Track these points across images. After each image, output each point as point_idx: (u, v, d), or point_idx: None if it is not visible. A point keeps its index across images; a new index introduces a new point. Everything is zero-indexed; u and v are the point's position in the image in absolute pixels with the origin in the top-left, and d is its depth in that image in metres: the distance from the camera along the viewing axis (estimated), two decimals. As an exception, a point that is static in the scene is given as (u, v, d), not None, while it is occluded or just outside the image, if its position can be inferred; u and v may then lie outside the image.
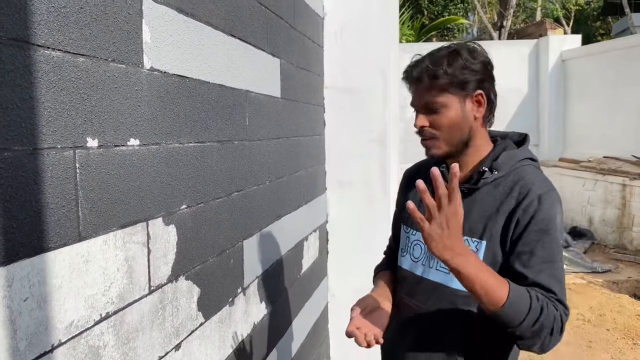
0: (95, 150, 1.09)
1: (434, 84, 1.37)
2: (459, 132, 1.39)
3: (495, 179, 1.38)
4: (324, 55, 3.20)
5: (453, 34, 16.99)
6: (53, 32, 0.97)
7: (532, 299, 1.23)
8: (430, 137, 1.40)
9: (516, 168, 1.39)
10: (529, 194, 1.32)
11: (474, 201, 1.38)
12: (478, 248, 1.34)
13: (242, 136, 1.88)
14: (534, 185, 1.33)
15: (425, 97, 1.38)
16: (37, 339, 0.94)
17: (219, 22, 1.66)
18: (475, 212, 1.37)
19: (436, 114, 1.38)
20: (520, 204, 1.32)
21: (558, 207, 1.33)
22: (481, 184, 1.38)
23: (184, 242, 1.46)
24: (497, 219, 1.34)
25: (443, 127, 1.38)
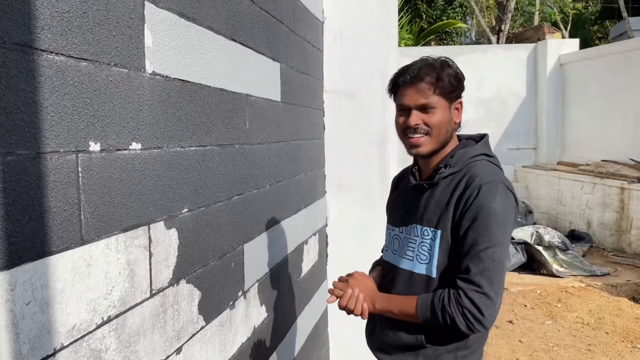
0: (97, 154, 1.10)
1: (434, 86, 1.52)
2: (445, 132, 1.57)
3: (450, 174, 1.55)
4: (324, 59, 3.21)
5: (451, 37, 17.04)
6: (56, 36, 0.97)
7: (434, 304, 1.47)
8: (424, 133, 1.54)
9: (469, 163, 1.55)
10: (472, 184, 1.49)
11: (432, 195, 1.57)
12: (434, 237, 1.53)
13: (243, 140, 1.88)
14: (477, 177, 1.49)
15: (423, 96, 1.53)
16: (39, 342, 0.94)
17: (220, 26, 1.67)
18: (432, 205, 1.55)
19: (429, 113, 1.53)
20: (463, 194, 1.49)
21: (497, 195, 1.46)
22: (436, 179, 1.56)
23: (185, 246, 1.47)
24: (448, 210, 1.51)
25: (435, 125, 1.54)
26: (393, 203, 1.79)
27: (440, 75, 1.52)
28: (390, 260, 1.69)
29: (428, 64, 1.55)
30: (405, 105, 1.55)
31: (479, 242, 1.44)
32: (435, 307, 1.46)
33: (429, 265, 1.54)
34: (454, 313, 1.43)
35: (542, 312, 5.31)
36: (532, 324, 5.03)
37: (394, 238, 1.70)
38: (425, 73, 1.52)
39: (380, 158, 3.26)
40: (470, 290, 1.42)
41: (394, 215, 1.74)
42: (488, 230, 1.44)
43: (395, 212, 1.73)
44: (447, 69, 1.54)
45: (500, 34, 15.94)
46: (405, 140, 1.58)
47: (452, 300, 1.44)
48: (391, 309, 1.56)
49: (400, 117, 1.58)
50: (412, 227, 1.60)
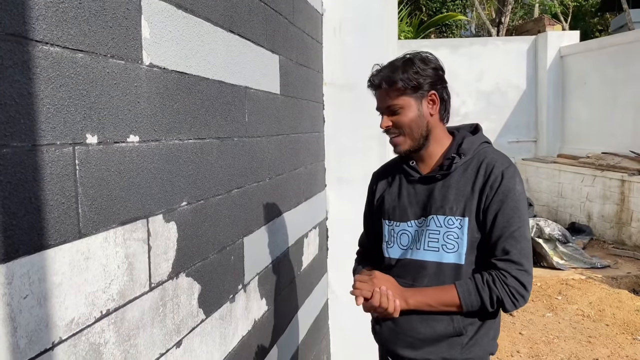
0: (94, 147, 1.09)
1: (392, 89, 1.59)
2: (418, 128, 1.61)
3: (464, 162, 1.61)
4: (323, 52, 3.19)
5: (451, 30, 16.97)
6: (52, 27, 0.96)
7: (479, 289, 1.52)
8: (396, 135, 1.62)
9: (478, 151, 1.63)
10: (494, 170, 1.56)
11: (448, 185, 1.60)
12: (462, 224, 1.57)
13: (242, 133, 1.87)
14: (496, 163, 1.58)
15: (386, 100, 1.60)
16: (37, 336, 0.94)
17: (218, 18, 1.65)
18: (452, 194, 1.59)
19: (397, 115, 1.60)
20: (487, 180, 1.55)
21: (517, 178, 1.57)
22: (454, 168, 1.60)
23: (184, 239, 1.46)
24: (473, 197, 1.56)
25: (404, 125, 1.60)
26: (388, 199, 1.74)
27: (394, 78, 1.57)
28: (403, 255, 1.67)
29: (386, 68, 1.61)
30: (378, 109, 1.65)
31: (511, 224, 1.52)
32: (481, 291, 1.52)
33: (458, 253, 1.57)
34: (502, 294, 1.50)
35: (543, 305, 5.31)
36: (532, 317, 5.04)
37: (400, 234, 1.68)
38: (381, 78, 1.60)
39: (380, 151, 3.24)
40: (513, 270, 1.51)
41: (396, 210, 1.70)
42: (517, 211, 1.53)
43: (396, 208, 1.70)
44: (409, 67, 1.58)
45: (500, 27, 15.88)
46: (389, 141, 1.66)
47: (498, 281, 1.51)
48: (428, 301, 1.56)
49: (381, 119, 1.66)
50: (431, 218, 1.60)
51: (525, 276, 1.51)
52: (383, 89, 1.60)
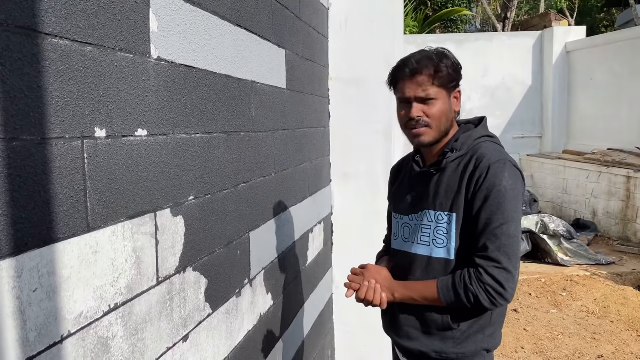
0: (103, 141, 1.09)
1: (432, 78, 1.56)
2: (445, 122, 1.61)
3: (457, 157, 1.59)
4: (329, 46, 3.17)
5: (457, 25, 16.90)
6: (61, 20, 0.96)
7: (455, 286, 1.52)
8: (425, 124, 1.58)
9: (474, 146, 1.60)
10: (480, 165, 1.54)
11: (441, 181, 1.61)
12: (450, 220, 1.57)
13: (249, 127, 1.87)
14: (485, 158, 1.55)
15: (422, 89, 1.56)
16: (46, 329, 0.94)
17: (225, 11, 1.64)
18: (443, 189, 1.59)
19: (429, 105, 1.57)
20: (473, 175, 1.54)
21: (505, 173, 1.51)
22: (444, 164, 1.60)
23: (191, 233, 1.46)
24: (460, 193, 1.56)
25: (435, 116, 1.58)
26: (397, 192, 1.80)
27: (439, 67, 1.56)
28: (402, 248, 1.72)
29: (426, 56, 1.59)
30: (406, 98, 1.59)
31: (493, 220, 1.50)
32: (457, 288, 1.51)
33: (447, 248, 1.58)
34: (477, 290, 1.49)
35: (547, 301, 5.30)
36: (537, 313, 5.03)
37: (403, 226, 1.72)
38: (423, 66, 1.56)
39: (385, 146, 3.24)
40: (490, 267, 1.48)
41: (401, 203, 1.75)
42: (501, 207, 1.50)
43: (401, 201, 1.75)
44: (445, 60, 1.58)
45: (506, 22, 15.79)
46: (408, 132, 1.62)
47: (474, 278, 1.50)
48: (412, 295, 1.60)
49: (402, 110, 1.62)
50: (424, 213, 1.63)
51: (502, 274, 1.48)
52: (424, 74, 1.56)
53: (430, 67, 1.56)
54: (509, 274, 1.49)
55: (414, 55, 1.61)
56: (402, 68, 1.60)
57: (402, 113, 1.62)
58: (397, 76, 1.62)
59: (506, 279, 1.48)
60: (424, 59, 1.58)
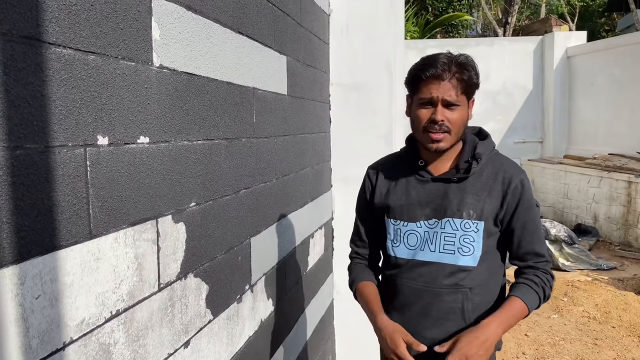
0: (105, 148, 1.09)
1: (462, 84, 1.55)
2: (462, 130, 1.62)
3: (479, 167, 1.63)
4: (330, 52, 3.19)
5: (457, 30, 16.93)
6: (64, 30, 0.97)
7: (537, 292, 1.61)
8: (446, 130, 1.56)
9: (491, 156, 1.67)
10: (513, 179, 1.62)
11: (464, 189, 1.62)
12: (478, 228, 1.60)
13: (250, 134, 1.88)
14: (514, 172, 1.64)
15: (451, 93, 1.54)
16: (49, 336, 0.94)
17: (227, 19, 1.66)
18: (470, 198, 1.60)
19: (452, 110, 1.56)
20: (508, 188, 1.62)
21: (530, 185, 1.68)
22: (472, 172, 1.62)
23: (192, 240, 1.46)
24: (491, 202, 1.60)
25: (457, 123, 1.58)
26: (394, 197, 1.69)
27: (471, 75, 1.57)
28: (411, 256, 1.67)
29: (459, 61, 1.56)
30: (429, 99, 1.55)
31: (536, 229, 1.65)
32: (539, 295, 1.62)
33: (473, 256, 1.61)
34: (548, 290, 1.65)
35: (548, 306, 5.29)
36: (538, 318, 5.02)
37: (407, 233, 1.67)
38: (457, 71, 1.54)
39: (386, 151, 3.23)
40: (548, 267, 1.68)
41: (403, 209, 1.67)
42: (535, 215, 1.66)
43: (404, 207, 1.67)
44: (475, 68, 1.59)
45: (507, 27, 15.83)
46: (425, 134, 1.58)
47: (545, 280, 1.64)
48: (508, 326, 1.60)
49: (422, 110, 1.58)
50: (447, 221, 1.61)
51: (549, 268, 1.68)
52: (456, 79, 1.54)
53: (464, 73, 1.55)
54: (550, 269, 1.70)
55: (443, 57, 1.56)
56: (429, 67, 1.54)
57: (423, 114, 1.57)
58: (421, 75, 1.56)
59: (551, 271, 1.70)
60: (457, 64, 1.55)
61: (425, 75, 1.55)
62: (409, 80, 1.61)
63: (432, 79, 1.54)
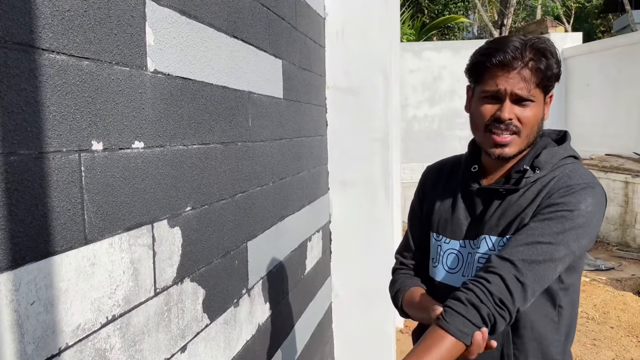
0: (100, 153, 1.10)
1: (541, 75, 1.25)
2: (536, 132, 1.30)
3: (538, 178, 1.28)
4: (326, 56, 3.20)
5: (453, 32, 16.98)
6: (57, 35, 0.97)
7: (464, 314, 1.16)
8: (514, 131, 1.26)
9: (558, 166, 1.30)
10: (561, 184, 1.25)
11: (511, 202, 1.29)
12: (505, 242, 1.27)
13: (245, 137, 1.88)
14: (569, 179, 1.25)
15: (525, 86, 1.23)
16: (44, 342, 0.94)
17: (221, 23, 1.66)
18: (511, 212, 1.28)
19: (524, 107, 1.25)
20: (548, 193, 1.25)
21: (588, 199, 1.22)
22: (523, 184, 1.28)
23: (188, 244, 1.46)
24: (529, 212, 1.26)
25: (529, 123, 1.26)
26: (439, 207, 1.44)
27: (550, 63, 1.24)
28: (448, 281, 1.39)
29: (535, 46, 1.24)
30: (494, 92, 1.25)
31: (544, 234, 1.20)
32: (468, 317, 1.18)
33: None
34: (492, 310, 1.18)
35: (547, 307, 5.30)
36: (536, 319, 5.03)
37: (447, 253, 1.40)
38: (532, 57, 1.23)
39: (383, 154, 3.25)
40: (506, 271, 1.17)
41: (446, 223, 1.41)
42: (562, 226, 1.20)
43: (446, 220, 1.41)
44: (555, 56, 1.27)
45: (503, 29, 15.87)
46: (487, 135, 1.28)
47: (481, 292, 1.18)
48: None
49: (485, 105, 1.27)
50: (482, 238, 1.32)
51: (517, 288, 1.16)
52: (531, 68, 1.23)
53: (541, 61, 1.23)
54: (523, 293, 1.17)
55: (515, 39, 1.25)
56: (497, 52, 1.23)
57: (487, 110, 1.27)
58: (486, 61, 1.25)
59: (520, 297, 1.17)
60: (533, 49, 1.23)
61: (491, 62, 1.24)
62: (470, 67, 1.32)
63: (500, 67, 1.23)
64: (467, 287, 1.19)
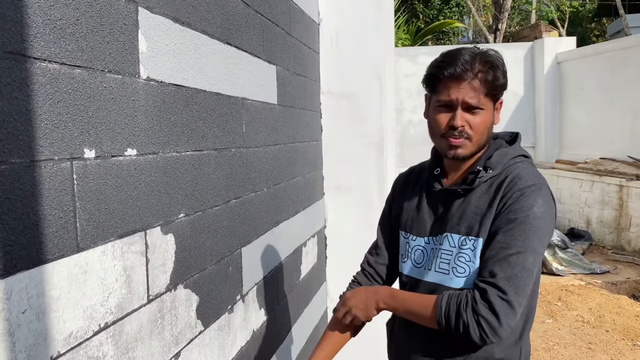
0: (92, 161, 1.10)
1: (486, 85, 1.36)
2: (485, 136, 1.43)
3: (490, 177, 1.42)
4: (320, 61, 3.20)
5: (448, 37, 17.05)
6: (49, 44, 0.97)
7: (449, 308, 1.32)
8: (466, 136, 1.39)
9: (509, 165, 1.43)
10: (513, 187, 1.37)
11: (469, 202, 1.43)
12: (475, 246, 1.39)
13: (239, 144, 1.88)
14: (520, 180, 1.37)
15: (473, 95, 1.36)
16: (35, 351, 0.94)
17: (214, 30, 1.67)
18: (470, 212, 1.41)
19: (474, 114, 1.38)
20: (504, 196, 1.37)
21: (539, 199, 1.34)
22: (477, 183, 1.41)
23: (182, 251, 1.46)
24: (489, 215, 1.38)
25: (479, 129, 1.39)
26: (407, 208, 1.57)
27: (497, 74, 1.37)
28: (414, 274, 1.52)
29: (483, 58, 1.37)
30: (448, 101, 1.37)
31: (511, 246, 1.31)
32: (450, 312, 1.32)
33: (468, 278, 1.38)
34: (469, 320, 1.29)
35: (542, 311, 5.30)
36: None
37: (414, 249, 1.53)
38: (480, 70, 1.35)
39: (378, 159, 3.26)
40: (492, 295, 1.28)
41: (413, 222, 1.54)
42: (524, 233, 1.31)
43: (413, 219, 1.54)
44: (502, 66, 1.39)
45: (497, 33, 15.95)
46: (443, 140, 1.41)
47: (469, 305, 1.29)
48: (398, 307, 1.44)
49: (440, 114, 1.40)
50: (445, 236, 1.44)
51: (504, 306, 1.27)
52: (480, 79, 1.35)
53: (489, 72, 1.35)
54: (510, 309, 1.28)
55: (465, 52, 1.37)
56: (449, 65, 1.35)
57: (442, 119, 1.39)
58: (440, 74, 1.37)
59: (506, 313, 1.27)
60: (481, 62, 1.36)
61: (444, 75, 1.36)
62: (425, 78, 1.44)
63: (452, 79, 1.35)
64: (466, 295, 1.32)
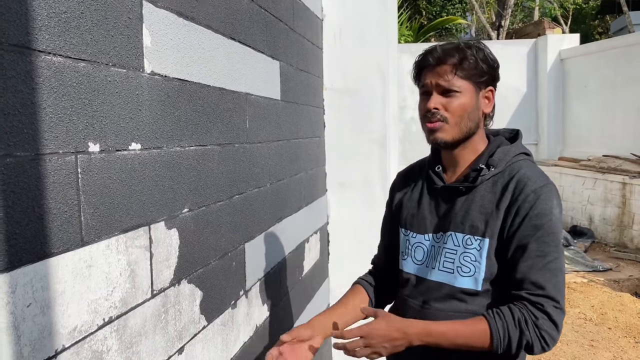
0: (97, 155, 1.09)
1: (458, 67, 1.39)
2: (468, 121, 1.42)
3: (493, 175, 1.42)
4: (323, 57, 3.20)
5: (451, 34, 17.02)
6: (54, 37, 0.97)
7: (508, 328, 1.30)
8: (440, 119, 1.40)
9: (512, 163, 1.43)
10: (525, 189, 1.36)
11: (472, 200, 1.42)
12: (481, 246, 1.38)
13: (243, 139, 1.88)
14: (529, 180, 1.37)
15: (445, 78, 1.39)
16: (40, 344, 0.94)
17: (218, 25, 1.66)
18: (475, 210, 1.40)
19: (451, 97, 1.40)
20: (516, 199, 1.35)
21: (554, 200, 1.36)
22: (479, 181, 1.41)
23: (186, 246, 1.46)
24: (497, 217, 1.37)
25: (455, 110, 1.40)
26: (408, 205, 1.58)
27: (465, 55, 1.39)
28: (415, 272, 1.52)
29: (454, 45, 1.43)
30: (426, 86, 1.43)
31: (547, 254, 1.32)
32: (510, 332, 1.30)
33: (474, 278, 1.39)
34: (533, 338, 1.30)
35: (545, 308, 5.30)
36: (534, 320, 5.03)
37: (415, 246, 1.53)
38: (448, 54, 1.40)
39: (381, 155, 3.25)
40: (550, 307, 1.30)
41: (414, 219, 1.54)
42: (555, 239, 1.34)
43: (414, 216, 1.54)
44: (475, 50, 1.42)
45: (500, 30, 15.91)
46: (424, 127, 1.44)
47: (530, 323, 1.30)
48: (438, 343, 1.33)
49: (422, 101, 1.45)
50: (449, 235, 1.43)
51: (560, 315, 1.31)
52: (448, 63, 1.38)
53: (455, 55, 1.39)
54: (563, 314, 1.32)
55: (446, 44, 1.45)
56: (425, 57, 1.44)
57: (422, 105, 1.44)
58: (420, 65, 1.45)
59: (561, 319, 1.31)
60: (451, 48, 1.41)
61: (423, 64, 1.44)
62: (414, 74, 1.50)
63: (429, 67, 1.42)
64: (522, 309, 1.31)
